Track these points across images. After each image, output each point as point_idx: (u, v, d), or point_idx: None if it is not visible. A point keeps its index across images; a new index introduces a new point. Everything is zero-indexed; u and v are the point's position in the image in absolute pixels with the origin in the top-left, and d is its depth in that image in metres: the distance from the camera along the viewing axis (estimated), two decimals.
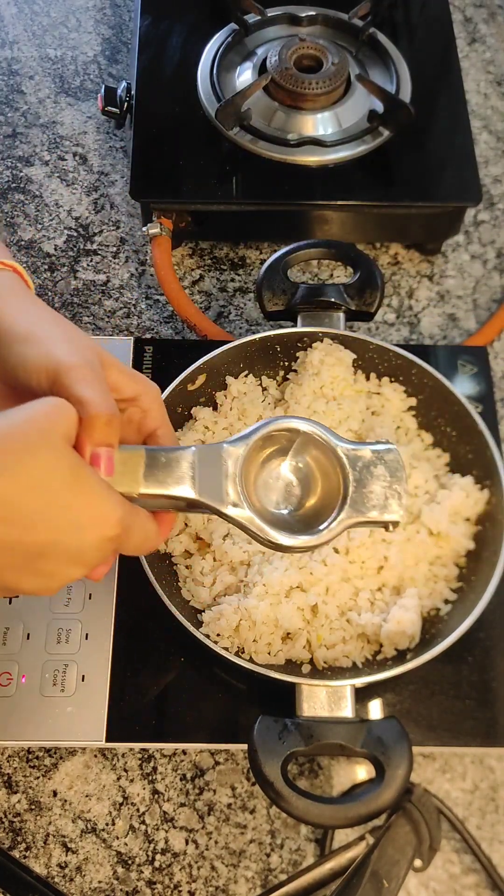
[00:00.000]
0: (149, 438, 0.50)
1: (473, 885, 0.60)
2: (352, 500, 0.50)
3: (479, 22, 1.01)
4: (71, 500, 0.40)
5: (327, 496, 0.51)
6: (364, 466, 0.51)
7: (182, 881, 0.60)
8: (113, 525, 0.42)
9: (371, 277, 0.68)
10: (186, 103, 0.82)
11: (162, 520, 0.49)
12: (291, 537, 0.48)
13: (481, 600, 0.58)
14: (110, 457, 0.43)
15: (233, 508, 0.47)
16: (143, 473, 0.46)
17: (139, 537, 0.45)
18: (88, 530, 0.41)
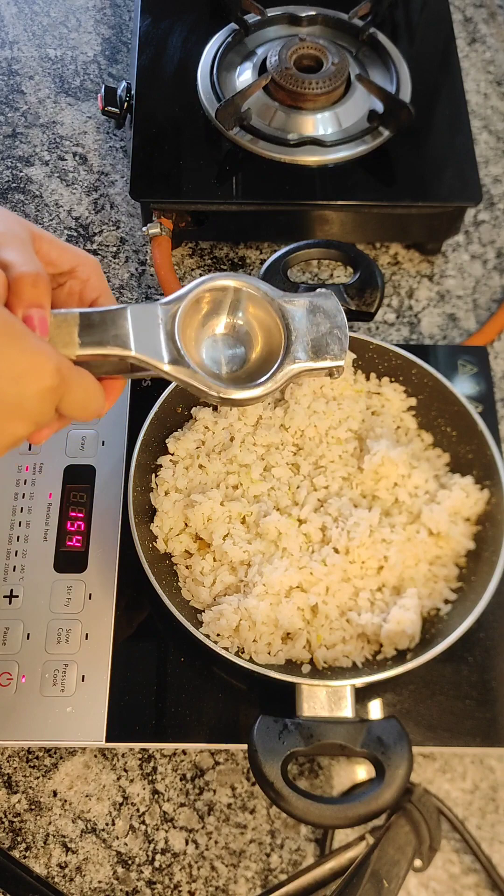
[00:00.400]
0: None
1: (473, 885, 0.60)
2: (294, 349, 0.50)
3: (479, 22, 1.01)
4: (4, 351, 0.40)
5: (270, 351, 0.52)
6: (303, 316, 0.51)
7: (182, 881, 0.60)
8: (50, 373, 0.41)
9: (371, 277, 0.68)
10: (186, 103, 0.82)
11: (108, 386, 0.49)
12: (236, 389, 0.49)
13: (481, 600, 0.58)
14: (43, 317, 0.43)
15: (172, 365, 0.48)
16: (79, 335, 0.46)
17: (80, 393, 0.45)
18: (25, 379, 0.41)
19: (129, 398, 0.72)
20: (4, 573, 0.65)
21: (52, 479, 0.68)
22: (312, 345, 0.51)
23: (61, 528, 0.67)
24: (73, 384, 0.44)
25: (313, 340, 0.51)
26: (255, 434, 0.67)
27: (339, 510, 0.62)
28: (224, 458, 0.66)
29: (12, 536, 0.66)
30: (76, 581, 0.65)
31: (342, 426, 0.67)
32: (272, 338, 0.52)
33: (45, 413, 0.44)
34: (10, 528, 0.67)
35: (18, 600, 0.64)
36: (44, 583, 0.65)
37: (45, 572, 0.65)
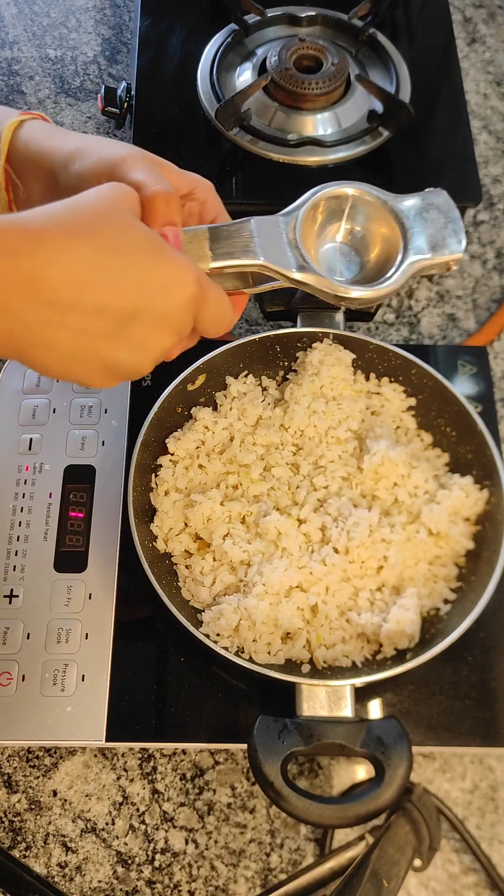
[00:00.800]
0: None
1: (473, 884, 0.60)
2: (411, 247, 0.52)
3: (479, 22, 1.02)
4: (150, 263, 0.42)
5: (387, 254, 0.53)
6: (417, 214, 0.53)
7: (182, 881, 0.60)
8: (192, 283, 0.43)
9: None
10: (186, 103, 0.82)
11: (234, 300, 0.51)
12: (361, 288, 0.51)
13: (481, 600, 0.58)
14: (177, 234, 0.45)
15: (298, 272, 0.50)
16: (210, 248, 0.48)
17: (216, 304, 0.47)
18: (171, 290, 0.43)
19: (128, 398, 0.72)
20: (4, 573, 0.65)
21: (52, 479, 0.69)
22: (429, 240, 0.52)
23: (61, 527, 0.67)
24: (210, 295, 0.46)
25: (430, 236, 0.52)
26: (255, 434, 0.67)
27: (338, 510, 0.62)
28: (224, 458, 0.66)
29: (12, 536, 0.66)
30: (76, 581, 0.65)
31: (342, 426, 0.67)
32: (389, 240, 0.53)
33: (187, 323, 0.45)
34: (10, 527, 0.67)
35: (18, 600, 0.64)
36: (44, 583, 0.65)
37: (45, 572, 0.65)
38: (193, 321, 0.46)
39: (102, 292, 0.40)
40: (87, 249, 0.39)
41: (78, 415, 0.71)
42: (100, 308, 0.40)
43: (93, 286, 0.40)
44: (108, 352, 0.42)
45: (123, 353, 0.43)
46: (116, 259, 0.40)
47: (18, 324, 0.39)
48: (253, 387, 0.70)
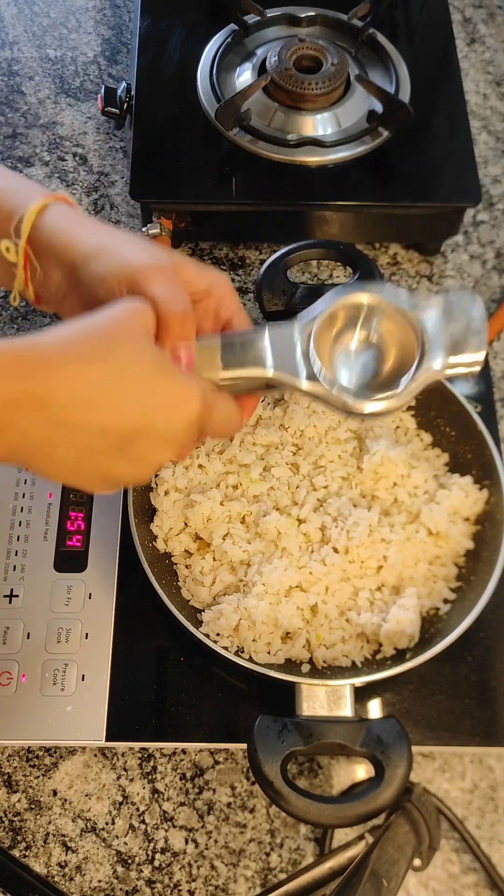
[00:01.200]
0: (225, 325, 0.53)
1: (473, 884, 0.60)
2: (428, 357, 0.50)
3: (479, 22, 1.02)
4: (156, 385, 0.43)
5: (403, 362, 0.51)
6: (438, 320, 0.51)
7: (182, 880, 0.60)
8: (196, 402, 0.45)
9: (370, 278, 0.68)
10: (186, 104, 0.82)
11: (245, 403, 0.52)
12: (371, 401, 0.49)
13: (480, 600, 0.58)
14: (190, 351, 0.46)
15: (308, 382, 0.49)
16: (221, 359, 0.49)
17: (222, 415, 0.48)
18: (175, 412, 0.45)
19: None
20: (4, 573, 0.65)
21: None
22: (449, 345, 0.50)
23: (61, 527, 0.67)
24: (216, 409, 0.47)
25: (450, 340, 0.50)
26: (255, 434, 0.67)
27: (338, 510, 0.63)
28: (224, 458, 0.66)
29: (12, 536, 0.66)
30: (76, 581, 0.65)
31: (341, 426, 0.67)
32: (406, 349, 0.51)
33: (190, 438, 0.47)
34: (10, 527, 0.67)
35: (18, 600, 0.64)
36: (44, 582, 0.65)
37: (45, 572, 0.65)
38: (199, 433, 0.48)
39: (108, 414, 0.42)
40: (96, 374, 0.41)
41: None
42: (104, 428, 0.42)
43: (99, 408, 0.41)
44: (109, 466, 0.44)
45: (123, 468, 0.45)
46: (123, 382, 0.42)
47: (24, 439, 0.41)
48: None
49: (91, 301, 0.47)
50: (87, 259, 0.47)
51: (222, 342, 0.50)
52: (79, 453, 0.43)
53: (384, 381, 0.52)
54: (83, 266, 0.47)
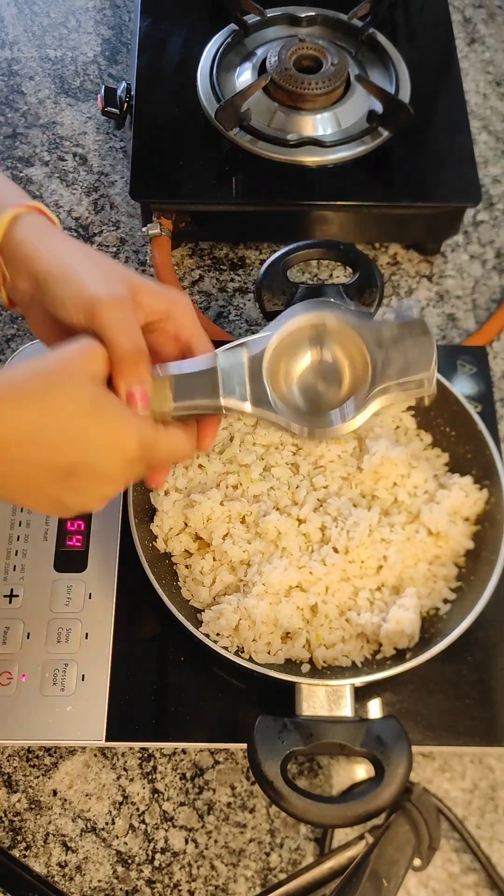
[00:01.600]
0: (184, 348, 0.52)
1: (473, 884, 0.60)
2: (378, 378, 0.50)
3: (479, 22, 1.02)
4: (91, 426, 0.45)
5: (357, 379, 0.51)
6: (390, 341, 0.51)
7: (182, 880, 0.60)
8: (132, 448, 0.46)
9: (370, 277, 0.68)
10: (186, 104, 0.82)
11: (204, 425, 0.52)
12: (320, 427, 0.50)
13: (480, 600, 0.58)
14: (143, 392, 0.47)
15: (255, 407, 0.49)
16: (173, 391, 0.49)
17: (167, 448, 0.49)
18: (110, 452, 0.46)
19: None
20: (4, 573, 0.65)
21: None
22: (400, 366, 0.50)
23: (61, 527, 0.67)
24: (159, 443, 0.48)
25: (402, 360, 0.50)
26: (255, 434, 0.67)
27: (338, 510, 0.63)
28: (224, 458, 0.66)
29: (12, 536, 0.66)
30: (76, 581, 0.65)
31: None
32: (358, 369, 0.51)
33: (133, 475, 0.49)
34: (10, 527, 0.67)
35: (18, 600, 0.64)
36: (44, 582, 0.65)
37: (45, 572, 0.65)
38: (144, 467, 0.49)
39: (45, 450, 0.44)
40: (33, 413, 0.43)
41: None
42: (43, 463, 0.44)
43: (36, 444, 0.43)
44: (55, 493, 0.46)
45: (69, 496, 0.46)
46: (61, 423, 0.44)
47: None
48: None
49: (53, 316, 0.48)
50: (49, 279, 0.48)
51: (174, 374, 0.49)
52: (24, 483, 0.45)
53: (340, 401, 0.52)
54: (44, 284, 0.48)
